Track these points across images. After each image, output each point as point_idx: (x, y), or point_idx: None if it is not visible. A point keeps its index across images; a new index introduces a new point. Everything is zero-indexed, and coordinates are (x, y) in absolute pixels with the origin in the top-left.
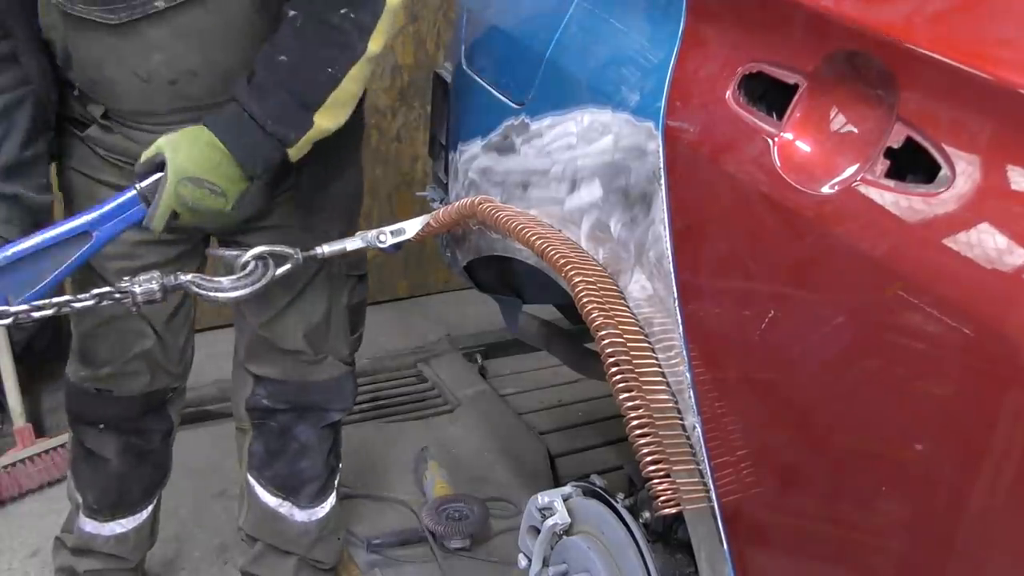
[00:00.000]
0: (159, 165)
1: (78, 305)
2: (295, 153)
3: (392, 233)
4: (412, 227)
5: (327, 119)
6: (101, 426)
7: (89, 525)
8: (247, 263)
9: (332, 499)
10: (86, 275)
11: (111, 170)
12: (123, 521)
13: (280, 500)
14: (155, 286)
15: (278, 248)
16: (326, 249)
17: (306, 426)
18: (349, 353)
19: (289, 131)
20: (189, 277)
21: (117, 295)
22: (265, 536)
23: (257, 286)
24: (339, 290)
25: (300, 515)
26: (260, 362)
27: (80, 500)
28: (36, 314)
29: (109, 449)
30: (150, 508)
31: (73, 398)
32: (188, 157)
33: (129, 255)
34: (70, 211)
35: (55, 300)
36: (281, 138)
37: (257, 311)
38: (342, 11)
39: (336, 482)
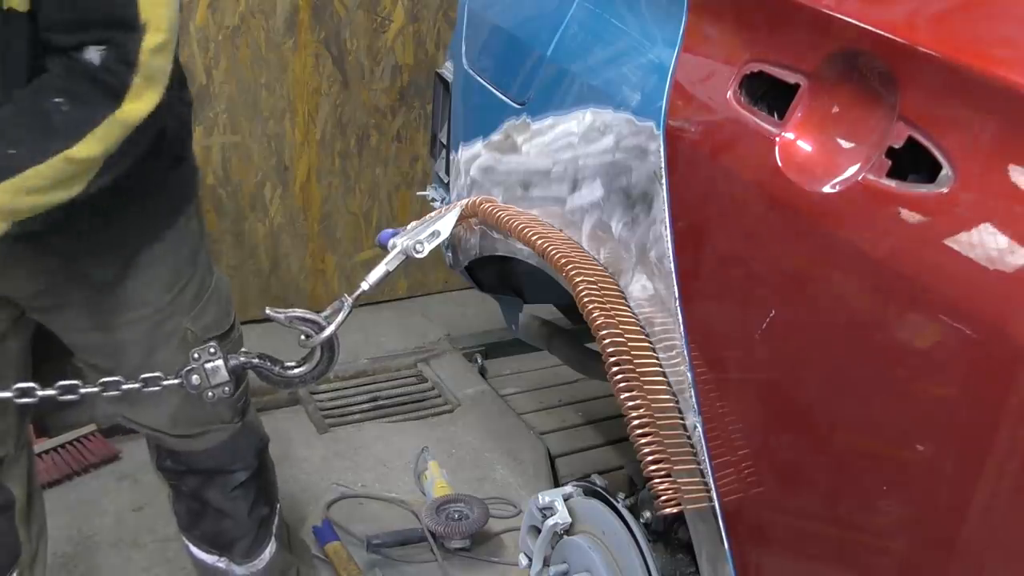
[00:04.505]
0: None
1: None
2: None
3: (427, 239)
4: (446, 225)
5: None
6: None
7: None
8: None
9: (271, 547)
10: None
11: None
12: None
13: (216, 556)
14: (225, 376)
15: (328, 311)
16: (370, 279)
17: (215, 491)
18: (232, 414)
19: None
20: (256, 360)
21: (190, 386)
22: None
23: (323, 376)
24: None
25: (239, 570)
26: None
27: None
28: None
29: None
30: None
31: None
32: None
33: None
34: None
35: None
36: None
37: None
38: (56, 99)
39: (274, 526)
